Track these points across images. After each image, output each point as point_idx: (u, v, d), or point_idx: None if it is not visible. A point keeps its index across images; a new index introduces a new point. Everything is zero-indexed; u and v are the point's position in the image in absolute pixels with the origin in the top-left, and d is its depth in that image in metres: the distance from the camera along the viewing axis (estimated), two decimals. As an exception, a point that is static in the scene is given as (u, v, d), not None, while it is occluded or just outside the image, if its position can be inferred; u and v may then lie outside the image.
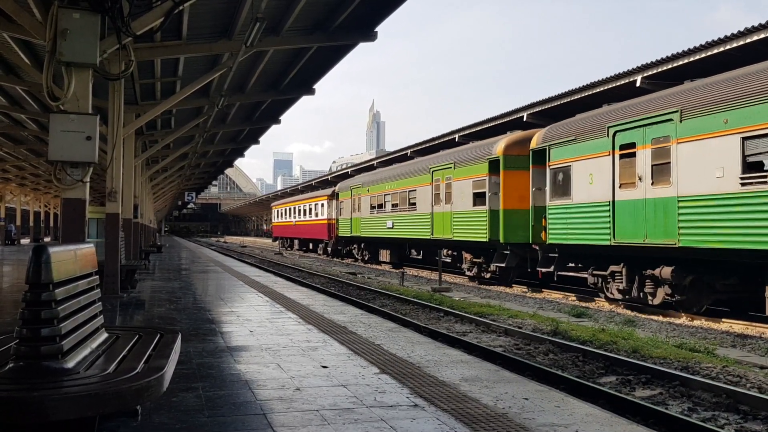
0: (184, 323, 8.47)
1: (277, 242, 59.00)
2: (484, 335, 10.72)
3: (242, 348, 6.72)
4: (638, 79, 17.41)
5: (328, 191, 40.34)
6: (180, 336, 3.90)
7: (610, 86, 18.65)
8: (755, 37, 14.05)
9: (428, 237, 23.73)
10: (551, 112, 21.55)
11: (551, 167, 16.35)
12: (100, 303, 3.68)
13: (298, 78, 18.72)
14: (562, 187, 15.81)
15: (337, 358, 6.22)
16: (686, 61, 15.85)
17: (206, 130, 23.64)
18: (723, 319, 12.42)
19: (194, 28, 13.45)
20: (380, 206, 29.16)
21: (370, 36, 14.49)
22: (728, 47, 14.77)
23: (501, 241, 18.52)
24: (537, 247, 17.16)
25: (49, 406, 2.50)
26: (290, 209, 50.00)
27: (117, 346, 3.56)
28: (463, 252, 21.51)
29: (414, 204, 25.25)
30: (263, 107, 22.86)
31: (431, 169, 23.70)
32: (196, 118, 21.81)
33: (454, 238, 21.50)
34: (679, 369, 7.81)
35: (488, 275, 20.06)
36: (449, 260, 23.83)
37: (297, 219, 47.40)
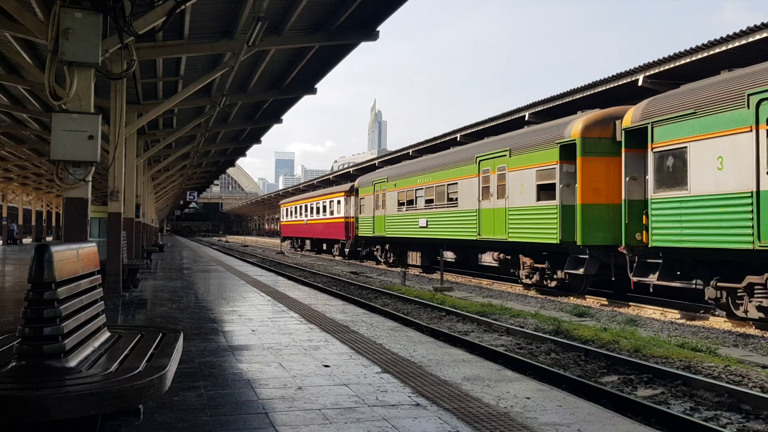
0: (186, 322, 8.48)
1: (286, 242, 54.83)
2: (486, 334, 10.72)
3: (244, 347, 6.73)
4: (640, 78, 17.39)
5: (346, 186, 36.69)
6: (182, 335, 3.90)
7: (611, 85, 18.64)
8: (758, 36, 14.03)
9: (473, 237, 20.20)
10: (553, 111, 21.53)
11: (655, 150, 13.05)
12: (102, 302, 3.69)
13: (300, 77, 18.72)
14: (673, 176, 12.63)
15: (338, 357, 6.22)
16: (688, 60, 15.84)
17: (208, 130, 23.66)
18: (725, 319, 12.39)
19: (196, 28, 13.46)
20: (410, 203, 25.65)
21: (372, 35, 14.49)
22: (731, 46, 14.75)
23: (578, 243, 15.19)
24: (628, 251, 14.05)
25: (51, 404, 2.51)
26: (301, 207, 46.26)
27: (119, 345, 3.57)
28: (521, 256, 18.20)
29: (454, 199, 21.72)
30: (265, 107, 22.86)
31: (478, 159, 20.02)
32: (197, 117, 21.82)
33: (510, 239, 18.08)
34: (681, 368, 7.80)
35: (553, 284, 16.95)
36: (496, 265, 20.55)
37: (309, 217, 43.71)
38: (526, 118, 22.95)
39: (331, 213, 37.91)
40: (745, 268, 11.46)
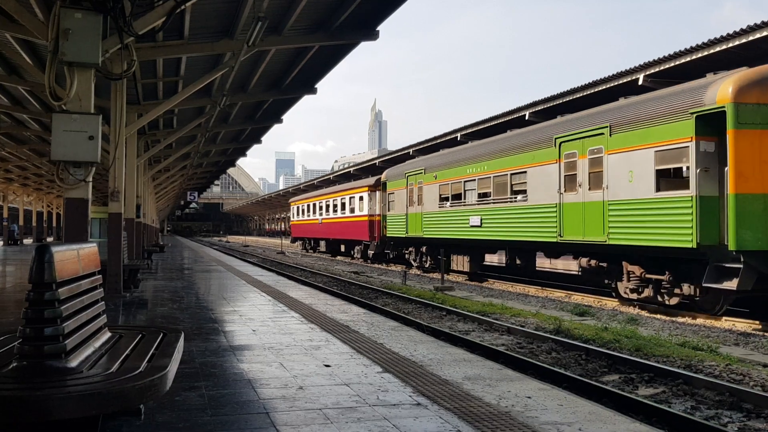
0: (186, 322, 8.48)
1: (297, 244, 50.51)
2: (487, 334, 10.72)
3: (245, 347, 6.73)
4: (640, 77, 17.40)
5: (370, 181, 32.69)
6: (183, 335, 3.90)
7: (612, 84, 18.64)
8: (758, 35, 14.03)
9: (551, 240, 16.24)
10: (553, 110, 21.53)
11: None
12: (102, 302, 3.69)
13: (300, 77, 18.72)
14: None
15: (339, 357, 6.22)
16: (688, 59, 15.84)
17: (208, 130, 23.66)
18: (725, 318, 12.39)
19: (196, 28, 13.46)
20: (457, 197, 21.45)
21: (372, 35, 14.49)
22: (730, 45, 14.74)
23: (731, 247, 11.38)
24: None
25: (52, 405, 2.51)
26: (315, 205, 41.97)
27: (120, 345, 3.57)
28: (625, 263, 14.27)
29: (520, 192, 17.84)
30: (265, 107, 22.86)
31: (559, 140, 15.96)
32: (198, 117, 21.83)
33: (611, 242, 14.10)
34: (682, 367, 7.80)
35: (674, 300, 13.23)
36: (575, 272, 16.28)
37: (325, 216, 39.51)
38: (527, 118, 22.96)
39: (352, 211, 34.02)
40: None
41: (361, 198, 32.75)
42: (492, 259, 20.51)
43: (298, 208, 47.83)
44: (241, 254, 41.47)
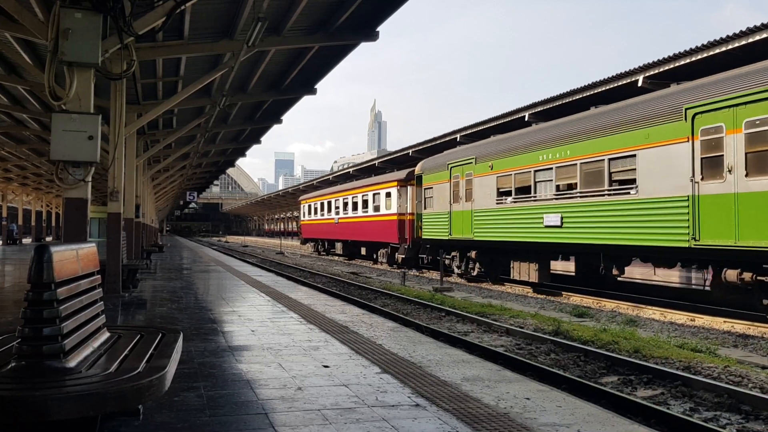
0: (185, 323, 8.48)
1: (308, 245, 46.40)
2: (486, 335, 10.72)
3: (244, 347, 6.72)
4: (640, 78, 17.41)
5: (400, 174, 28.69)
6: (181, 335, 3.90)
7: (611, 86, 18.65)
8: (757, 37, 14.04)
9: (679, 244, 12.51)
10: (552, 111, 21.54)
11: None
12: (101, 302, 3.69)
13: (300, 78, 18.73)
14: None
15: (338, 357, 6.22)
16: (688, 60, 15.85)
17: (208, 130, 23.67)
18: (724, 319, 12.40)
19: (196, 28, 13.46)
20: (523, 191, 17.67)
21: (372, 36, 14.50)
22: (730, 47, 14.75)
23: None
24: None
25: (51, 405, 2.51)
26: (331, 203, 38.00)
27: (119, 345, 3.57)
28: None
29: (624, 182, 14.18)
30: (265, 107, 22.87)
31: (691, 111, 12.26)
32: (197, 117, 21.83)
33: None
34: (680, 369, 7.81)
35: None
36: (702, 288, 13.84)
37: (342, 215, 35.55)
38: (526, 119, 22.97)
39: (376, 209, 30.13)
40: None
41: (388, 194, 28.73)
42: (555, 266, 17.41)
43: (309, 206, 43.65)
44: (240, 254, 41.45)
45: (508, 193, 18.42)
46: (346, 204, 35.16)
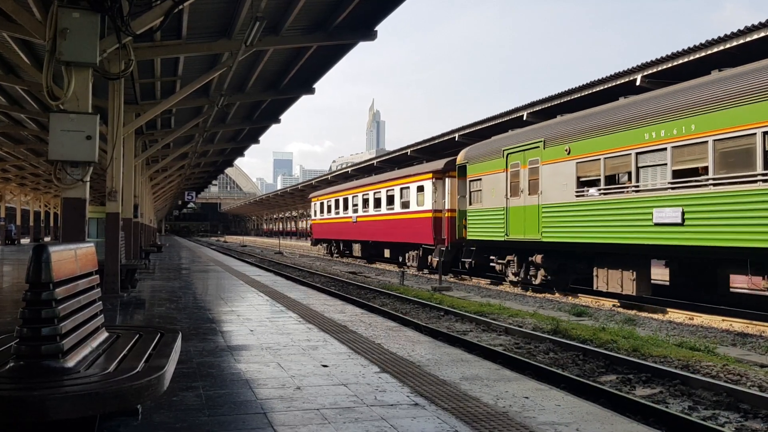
0: (184, 322, 8.47)
1: (319, 247, 42.81)
2: (485, 334, 10.73)
3: (242, 347, 6.72)
4: (638, 78, 17.41)
5: (436, 165, 24.81)
6: (180, 335, 3.90)
7: (609, 85, 18.65)
8: (755, 36, 14.05)
9: None
10: (551, 111, 21.55)
11: None
12: (100, 302, 3.68)
13: (298, 77, 18.72)
14: None
15: (337, 357, 6.22)
16: (686, 59, 15.85)
17: (206, 130, 23.65)
18: (722, 318, 12.41)
19: (194, 28, 13.45)
20: (616, 178, 14.48)
21: (370, 35, 14.50)
22: (728, 46, 14.76)
23: None
24: None
25: (49, 405, 2.50)
26: (348, 200, 34.29)
27: (117, 345, 3.57)
28: None
29: None
30: (263, 107, 22.87)
31: None
32: (195, 117, 21.81)
33: None
34: (679, 368, 7.82)
35: None
36: None
37: (361, 213, 31.85)
38: (525, 118, 22.97)
39: (405, 205, 26.56)
40: None
41: (420, 188, 25.03)
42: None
43: (322, 204, 39.71)
44: (239, 254, 41.43)
45: (593, 183, 14.99)
46: (366, 201, 31.43)
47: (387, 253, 30.26)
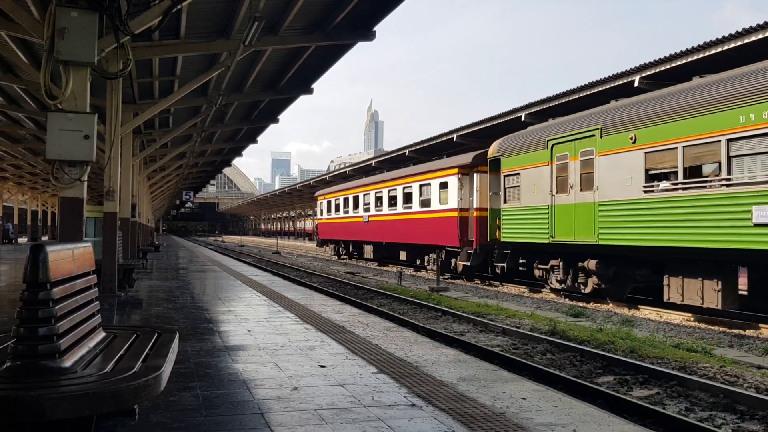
0: (181, 322, 8.46)
1: (326, 248, 40.56)
2: (482, 335, 10.73)
3: (240, 347, 6.72)
4: (636, 79, 17.43)
5: (462, 159, 22.38)
6: (177, 335, 3.89)
7: (607, 86, 18.66)
8: (753, 38, 14.07)
9: None
10: (549, 112, 21.55)
11: None
12: (97, 302, 3.68)
13: (297, 77, 18.72)
14: None
15: (334, 357, 6.21)
16: (685, 61, 15.87)
17: (204, 130, 23.63)
18: (720, 320, 12.42)
19: (192, 27, 13.44)
20: (699, 170, 12.51)
21: (369, 35, 14.50)
22: (726, 47, 14.78)
23: None
24: None
25: (46, 405, 2.50)
26: (358, 198, 32.14)
27: (114, 345, 3.56)
28: None
29: None
30: (261, 106, 22.85)
31: None
32: (194, 117, 21.80)
33: None
34: (676, 369, 7.82)
35: None
36: None
37: (374, 212, 29.75)
38: (523, 119, 22.98)
39: (425, 204, 24.40)
40: None
41: (443, 185, 22.79)
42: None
43: (329, 203, 37.42)
44: (237, 254, 41.41)
45: (666, 176, 12.97)
46: (379, 199, 29.21)
47: (403, 255, 27.60)
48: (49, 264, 2.88)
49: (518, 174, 17.74)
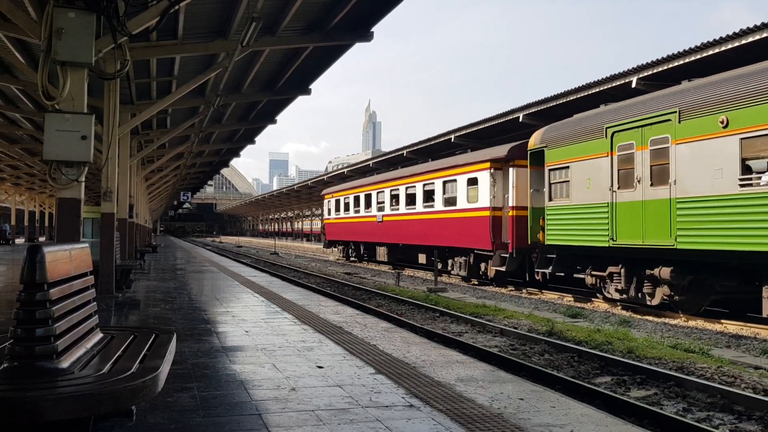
0: (179, 323, 8.46)
1: (333, 249, 38.33)
2: (480, 335, 10.73)
3: (237, 348, 6.71)
4: (633, 80, 17.45)
5: (496, 151, 19.91)
6: (175, 336, 3.89)
7: (605, 87, 18.68)
8: (750, 39, 14.10)
9: None
10: (547, 112, 21.58)
11: None
12: (94, 303, 3.67)
13: (294, 78, 18.71)
14: None
15: (332, 358, 6.21)
16: (682, 62, 15.89)
17: (202, 130, 23.62)
18: (718, 320, 12.44)
19: (190, 28, 13.43)
20: None
21: (366, 36, 14.50)
22: (723, 48, 14.81)
23: None
24: None
25: (43, 406, 2.49)
26: (371, 196, 29.85)
27: (112, 346, 3.56)
28: None
29: None
30: (259, 107, 22.84)
31: None
32: (191, 117, 21.78)
33: None
34: (674, 369, 7.83)
35: None
36: None
37: (389, 212, 27.50)
38: (521, 119, 23.01)
39: (449, 202, 22.18)
40: None
41: (472, 181, 20.59)
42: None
43: (337, 201, 34.96)
44: (234, 255, 41.38)
45: None
46: (395, 197, 26.97)
47: (422, 258, 24.96)
48: (46, 265, 2.88)
49: (567, 167, 15.50)
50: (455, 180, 21.77)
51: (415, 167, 27.01)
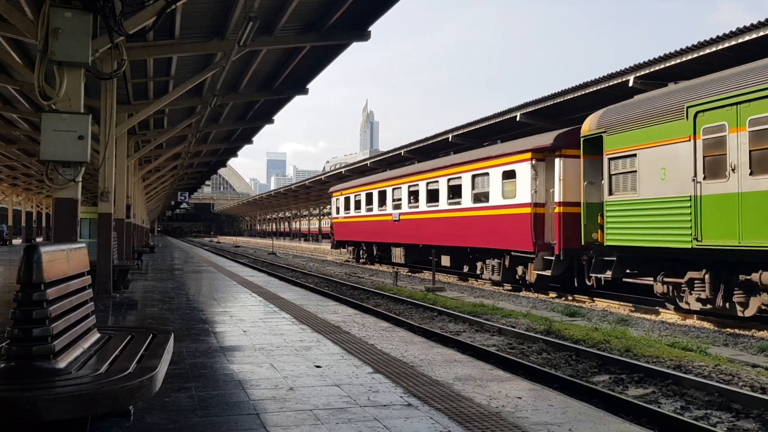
0: (176, 323, 8.45)
1: (344, 250, 35.84)
2: (478, 334, 10.74)
3: (235, 348, 6.71)
4: (630, 79, 17.46)
5: (539, 140, 17.57)
6: (172, 336, 3.89)
7: (602, 86, 18.69)
8: (747, 38, 14.11)
9: None
10: (544, 111, 21.59)
11: None
12: (92, 303, 3.67)
13: (292, 78, 18.69)
14: None
15: (330, 357, 6.21)
16: (678, 61, 15.90)
17: (199, 130, 23.59)
18: (715, 318, 12.44)
19: (187, 28, 13.42)
20: None
21: (364, 36, 14.49)
22: (720, 47, 14.82)
23: None
24: None
25: (41, 406, 2.49)
26: (385, 192, 27.47)
27: (109, 346, 3.55)
28: None
29: None
30: (256, 107, 22.82)
31: None
32: (188, 117, 21.76)
33: None
34: (671, 368, 7.84)
35: None
36: None
37: (407, 209, 25.07)
38: (518, 119, 23.01)
39: (479, 198, 19.84)
40: None
41: (508, 174, 18.25)
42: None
43: (347, 199, 32.52)
44: (232, 255, 41.34)
45: None
46: (413, 193, 24.57)
47: (447, 261, 22.40)
48: (43, 265, 2.87)
49: (634, 155, 13.28)
50: (487, 173, 19.40)
51: (436, 161, 24.44)
